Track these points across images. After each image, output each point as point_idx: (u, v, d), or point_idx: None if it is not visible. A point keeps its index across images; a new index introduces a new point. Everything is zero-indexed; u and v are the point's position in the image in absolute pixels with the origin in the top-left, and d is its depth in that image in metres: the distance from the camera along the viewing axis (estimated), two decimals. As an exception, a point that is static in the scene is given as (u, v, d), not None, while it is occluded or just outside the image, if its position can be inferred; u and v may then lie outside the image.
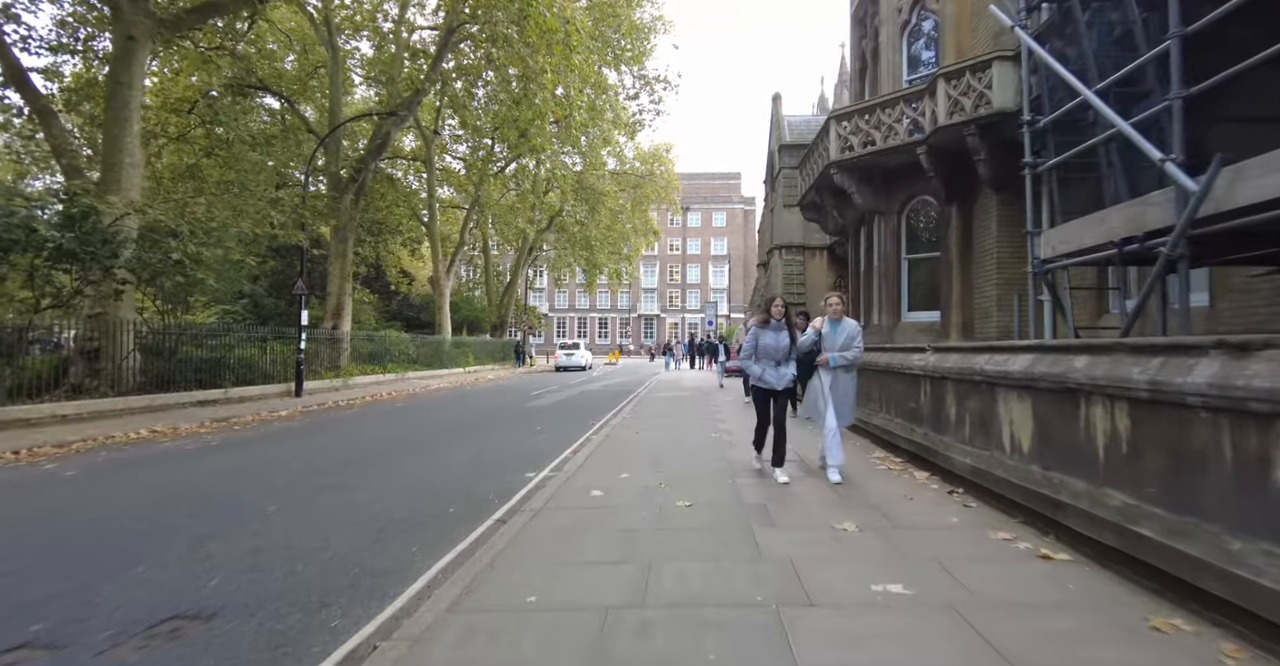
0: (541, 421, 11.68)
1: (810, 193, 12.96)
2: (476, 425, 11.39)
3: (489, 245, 44.49)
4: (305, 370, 19.98)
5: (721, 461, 6.86)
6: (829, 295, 6.19)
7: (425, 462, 7.56)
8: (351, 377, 21.77)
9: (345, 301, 23.75)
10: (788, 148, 19.95)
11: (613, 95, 30.97)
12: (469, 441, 9.33)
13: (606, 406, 14.21)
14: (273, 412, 14.21)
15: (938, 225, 10.70)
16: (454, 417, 12.78)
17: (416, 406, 15.71)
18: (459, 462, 7.57)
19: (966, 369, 5.09)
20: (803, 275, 19.65)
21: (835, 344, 5.84)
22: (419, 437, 9.79)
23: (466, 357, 32.64)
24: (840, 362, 5.85)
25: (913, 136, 10.07)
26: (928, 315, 10.81)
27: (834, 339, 5.86)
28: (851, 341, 5.83)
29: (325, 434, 10.58)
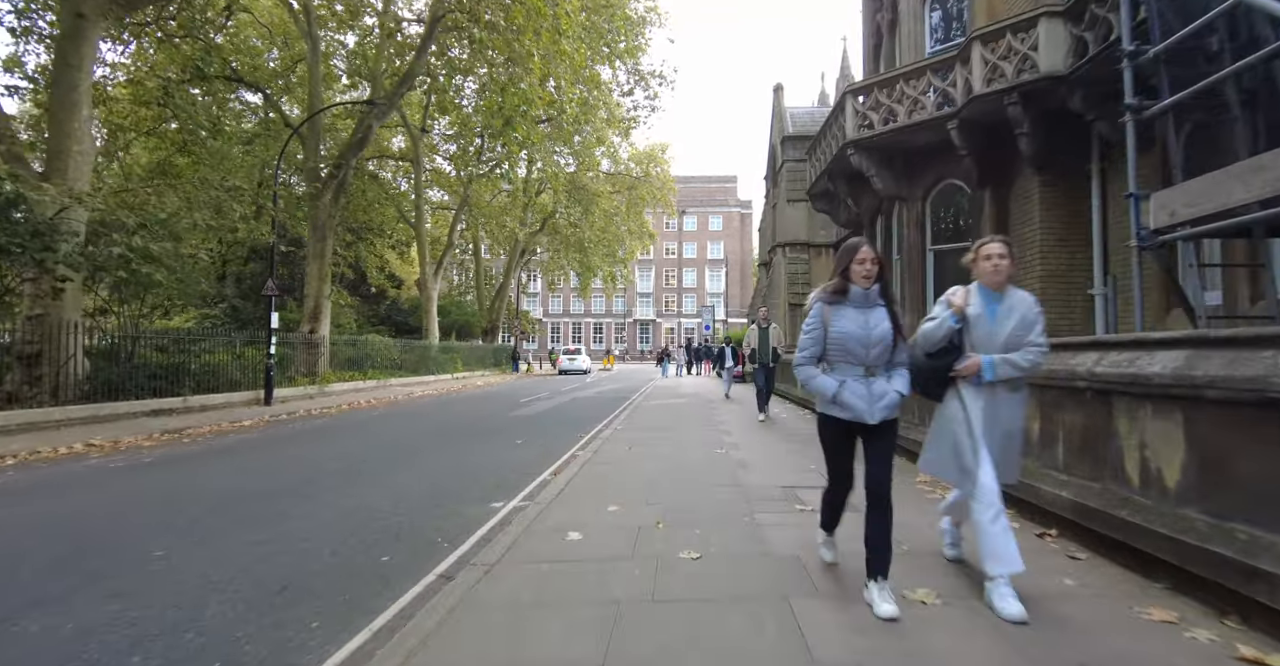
0: (524, 433, 10.42)
1: (822, 179, 11.75)
2: (450, 437, 10.15)
3: (480, 248, 43.26)
4: (277, 376, 18.84)
5: (733, 487, 5.59)
6: (987, 242, 3.42)
7: (378, 487, 6.30)
8: (328, 384, 20.50)
9: (324, 304, 22.46)
10: (791, 139, 18.80)
11: (606, 91, 29.86)
12: (436, 457, 8.07)
13: (598, 416, 12.95)
14: (234, 423, 12.99)
15: (969, 212, 9.49)
16: (428, 429, 11.52)
17: (393, 415, 14.45)
18: (418, 487, 6.31)
19: (1061, 372, 3.87)
20: (808, 274, 18.43)
21: (998, 336, 3.18)
22: (381, 453, 8.53)
23: (454, 363, 31.36)
24: (1007, 374, 3.15)
25: (941, 110, 8.88)
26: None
27: (993, 326, 3.21)
28: (1030, 330, 3.17)
29: (279, 448, 9.33)
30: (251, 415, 14.11)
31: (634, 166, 40.40)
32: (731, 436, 8.80)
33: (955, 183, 9.74)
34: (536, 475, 6.78)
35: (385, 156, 34.42)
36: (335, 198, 23.38)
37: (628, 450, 7.70)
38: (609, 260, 41.06)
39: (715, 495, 5.27)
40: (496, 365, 38.00)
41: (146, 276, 11.33)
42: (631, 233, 41.18)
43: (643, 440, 8.54)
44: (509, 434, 10.38)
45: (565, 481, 5.95)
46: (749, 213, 74.73)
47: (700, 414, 12.09)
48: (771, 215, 21.08)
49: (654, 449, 7.80)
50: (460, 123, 30.20)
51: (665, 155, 41.27)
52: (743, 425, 10.19)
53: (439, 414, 14.63)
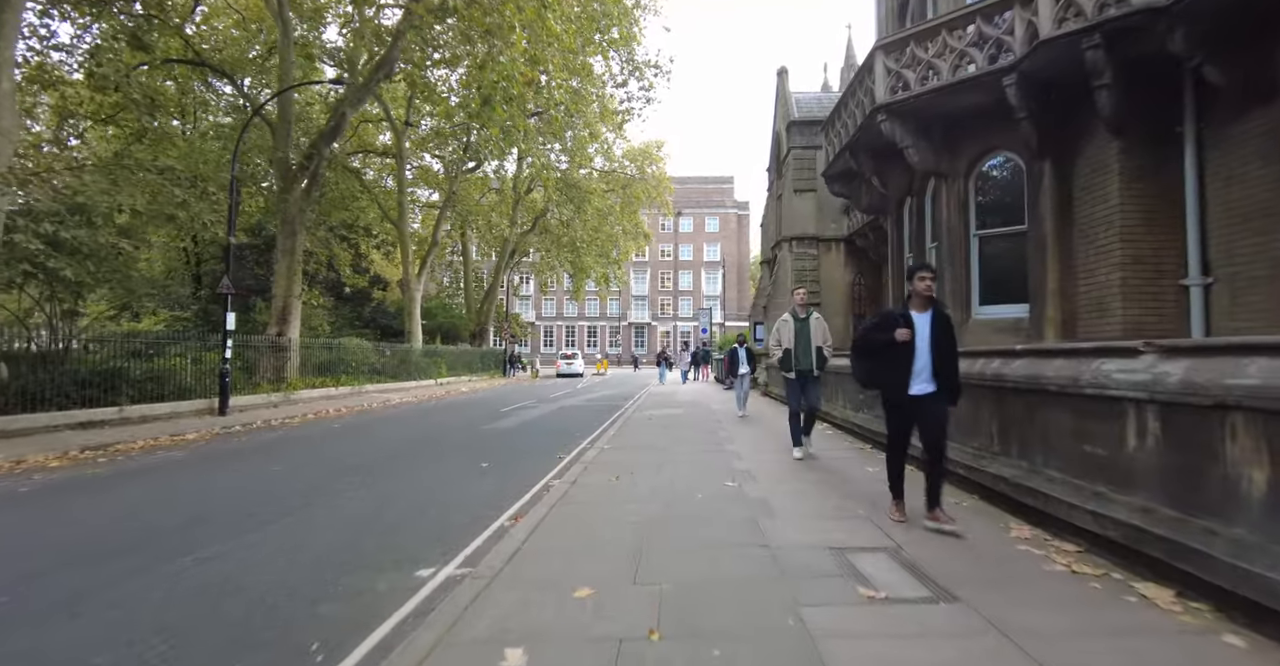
0: (494, 452, 8.81)
1: (842, 157, 10.18)
2: (407, 456, 8.54)
3: (469, 248, 41.66)
4: (240, 383, 17.40)
5: (758, 548, 3.95)
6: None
7: (279, 535, 4.69)
8: (295, 391, 18.86)
9: (293, 304, 20.83)
10: (798, 124, 17.26)
11: (599, 83, 28.39)
12: (378, 487, 6.46)
13: (584, 429, 11.35)
14: (176, 436, 11.47)
15: (1025, 189, 7.92)
16: (387, 444, 9.92)
17: (357, 427, 12.88)
18: (333, 535, 4.70)
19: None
20: (816, 271, 16.87)
21: None
22: (316, 480, 6.92)
23: (438, 368, 29.70)
24: None
25: (995, 64, 7.34)
26: (1009, 310, 8.03)
27: None
28: None
29: (198, 471, 7.78)
30: (199, 426, 12.59)
31: (628, 164, 38.94)
32: (742, 461, 7.18)
33: (1006, 155, 8.19)
34: (492, 519, 5.16)
35: (369, 151, 32.86)
36: (307, 191, 21.82)
37: (613, 481, 6.07)
38: (602, 261, 39.52)
39: (733, 564, 3.64)
40: (485, 370, 36.36)
41: (55, 271, 9.66)
42: (626, 233, 39.70)
43: (632, 466, 6.92)
44: (477, 453, 8.77)
45: (526, 532, 4.35)
46: (746, 214, 73.32)
47: (702, 429, 10.48)
48: (776, 207, 19.53)
49: (646, 479, 6.19)
50: (444, 114, 28.77)
51: (661, 152, 39.81)
52: (756, 445, 8.58)
53: (408, 425, 13.04)
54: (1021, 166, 7.97)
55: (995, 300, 8.23)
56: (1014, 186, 8.14)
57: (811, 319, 7.35)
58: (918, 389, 4.29)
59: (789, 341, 7.26)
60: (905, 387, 4.30)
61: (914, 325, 4.31)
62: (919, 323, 4.34)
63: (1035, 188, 7.76)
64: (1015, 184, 8.12)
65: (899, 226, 10.41)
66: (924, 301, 4.39)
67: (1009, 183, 8.24)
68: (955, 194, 8.50)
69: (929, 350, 4.29)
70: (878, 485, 5.70)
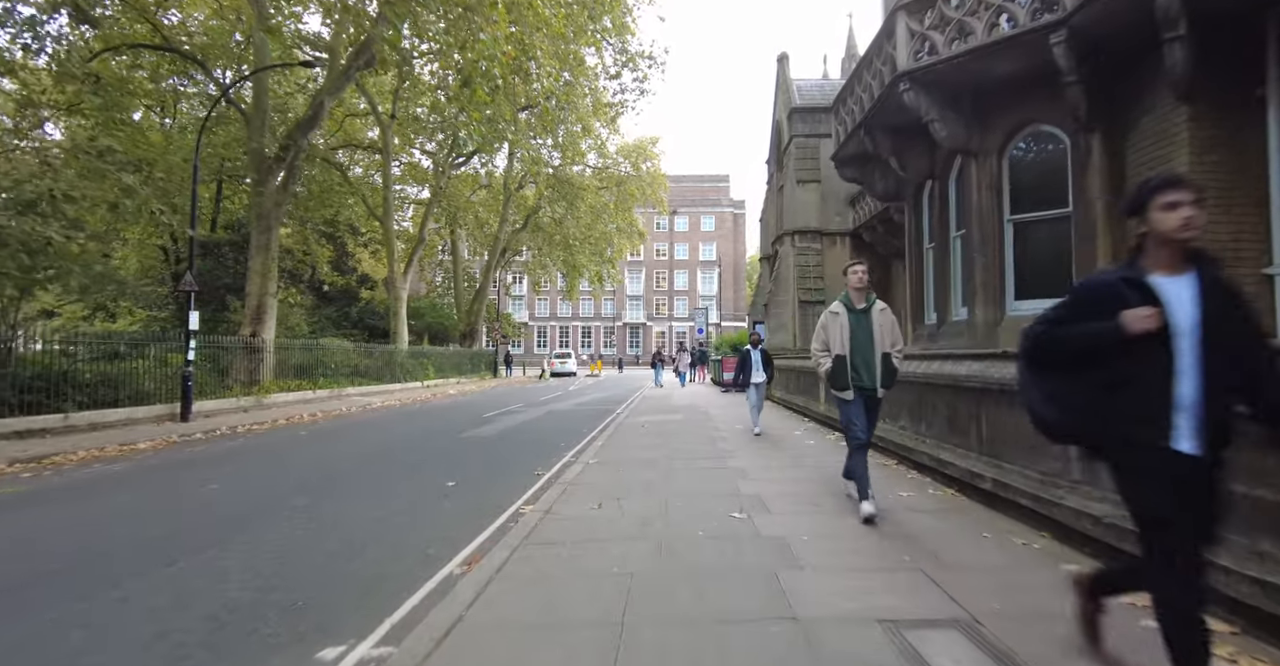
0: (465, 466, 7.77)
1: (855, 137, 9.18)
2: (371, 472, 7.53)
3: (459, 246, 40.57)
4: (210, 386, 16.17)
5: (784, 623, 2.89)
6: None
7: (155, 594, 3.65)
8: (268, 395, 17.81)
9: (268, 303, 19.75)
10: (800, 112, 16.27)
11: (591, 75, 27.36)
12: (324, 512, 5.44)
13: (570, 437, 10.33)
14: (126, 446, 10.50)
15: (1070, 166, 6.92)
16: (352, 456, 8.91)
17: (327, 434, 11.90)
18: (231, 593, 3.65)
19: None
20: (820, 267, 15.87)
21: None
22: (251, 503, 5.90)
23: (425, 370, 28.61)
24: None
25: (1039, 19, 6.34)
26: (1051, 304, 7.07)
27: None
28: None
29: (132, 490, 6.84)
30: (156, 434, 11.63)
31: (622, 161, 37.91)
32: (749, 481, 6.12)
33: (1046, 129, 7.19)
34: (442, 562, 4.12)
35: (354, 146, 31.76)
36: (284, 184, 20.75)
37: (594, 510, 5.03)
38: (596, 259, 38.48)
39: (750, 654, 2.62)
40: (475, 371, 35.27)
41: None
42: (620, 231, 38.67)
43: (620, 488, 5.88)
44: (447, 467, 7.72)
45: (476, 589, 3.32)
46: (742, 213, 72.41)
47: (700, 438, 9.45)
48: (777, 200, 18.53)
49: (635, 507, 5.15)
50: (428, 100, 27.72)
51: (655, 148, 38.76)
52: (763, 460, 7.55)
53: (381, 432, 12.03)
54: (1065, 141, 6.97)
55: (1034, 294, 7.23)
56: (1056, 164, 7.14)
57: (875, 310, 4.93)
58: (1187, 440, 2.03)
59: (842, 344, 4.84)
60: (1162, 433, 2.05)
61: (1164, 300, 2.07)
62: (1174, 293, 2.08)
63: (1082, 165, 6.77)
64: (1057, 161, 7.12)
65: (917, 214, 9.40)
66: (1180, 253, 2.11)
67: (1050, 160, 7.24)
68: (987, 174, 7.49)
69: (1200, 350, 2.04)
70: (921, 517, 4.69)
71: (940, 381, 5.74)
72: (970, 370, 5.20)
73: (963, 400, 5.35)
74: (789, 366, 13.14)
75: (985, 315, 7.41)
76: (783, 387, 13.92)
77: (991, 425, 4.93)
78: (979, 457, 5.04)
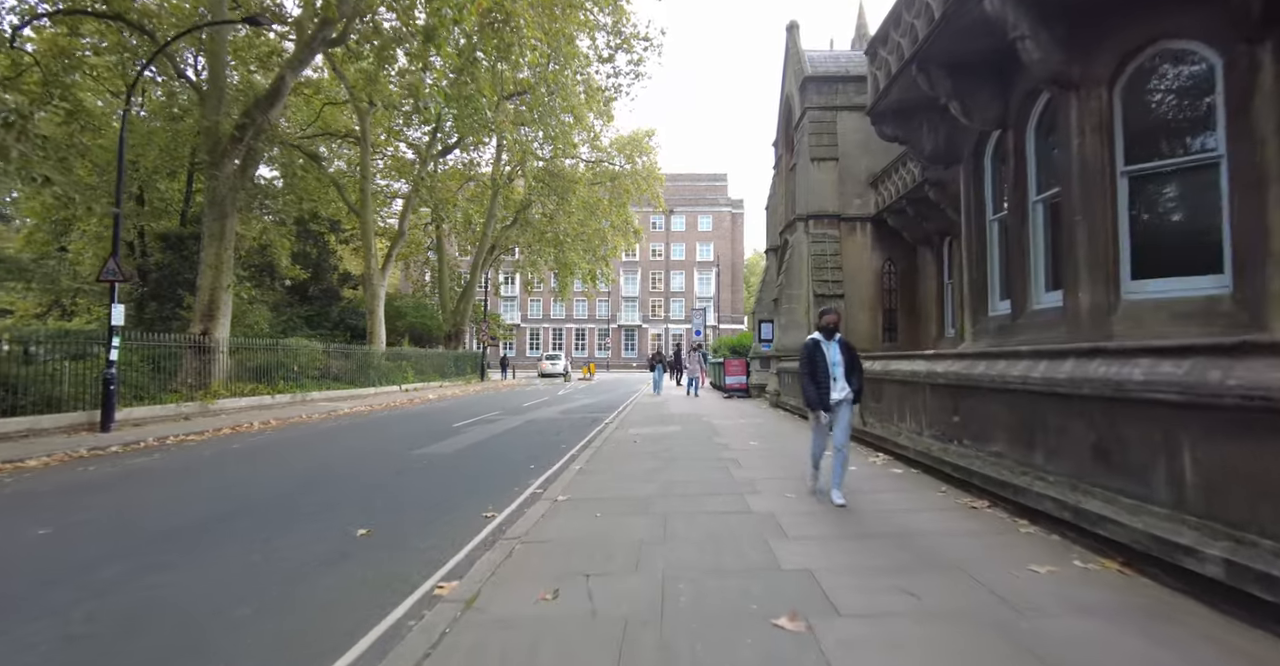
0: (400, 501, 5.84)
1: (904, 77, 7.22)
2: (277, 507, 5.69)
3: (444, 243, 38.59)
4: (151, 390, 14.47)
5: None
6: None
7: None
8: (215, 401, 15.85)
9: (222, 299, 17.81)
10: (815, 81, 14.36)
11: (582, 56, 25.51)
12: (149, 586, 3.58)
13: (544, 456, 8.41)
14: (10, 463, 8.80)
15: (1221, 96, 5.01)
16: (271, 480, 7.09)
17: (264, 448, 10.11)
18: None
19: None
20: (838, 256, 13.94)
21: None
22: (52, 568, 3.97)
23: (404, 373, 26.64)
24: None
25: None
26: (1191, 285, 5.10)
27: None
28: None
29: None
30: (61, 447, 9.98)
31: (617, 155, 36.02)
32: (790, 541, 4.20)
33: (1182, 46, 5.28)
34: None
35: (331, 134, 29.78)
36: (243, 168, 18.87)
37: (547, 602, 3.11)
38: (588, 257, 36.54)
39: None
40: (460, 374, 33.28)
41: None
42: (615, 227, 36.75)
43: (592, 554, 3.94)
44: (374, 502, 5.80)
45: None
46: (741, 213, 70.67)
47: (706, 461, 7.52)
48: (787, 183, 16.62)
49: (612, 596, 3.24)
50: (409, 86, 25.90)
51: (652, 142, 36.84)
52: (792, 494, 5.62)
53: (328, 446, 10.19)
54: (1214, 61, 5.07)
55: (1162, 271, 5.32)
56: (1197, 94, 5.25)
57: None
58: None
59: None
60: None
61: None
62: None
63: (1241, 92, 4.86)
64: (1199, 90, 5.22)
65: (977, 178, 7.49)
66: None
67: (1188, 89, 5.34)
68: (1092, 112, 5.59)
69: None
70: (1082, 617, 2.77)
71: (1017, 385, 3.86)
72: (1087, 372, 3.32)
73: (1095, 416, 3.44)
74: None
75: (1091, 299, 5.49)
76: (798, 395, 12.01)
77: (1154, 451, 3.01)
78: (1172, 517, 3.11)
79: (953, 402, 5.43)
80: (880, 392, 7.08)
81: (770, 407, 14.07)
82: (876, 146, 13.99)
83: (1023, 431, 4.48)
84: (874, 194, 13.88)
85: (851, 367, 5.25)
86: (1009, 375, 4.46)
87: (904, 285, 13.92)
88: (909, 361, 6.22)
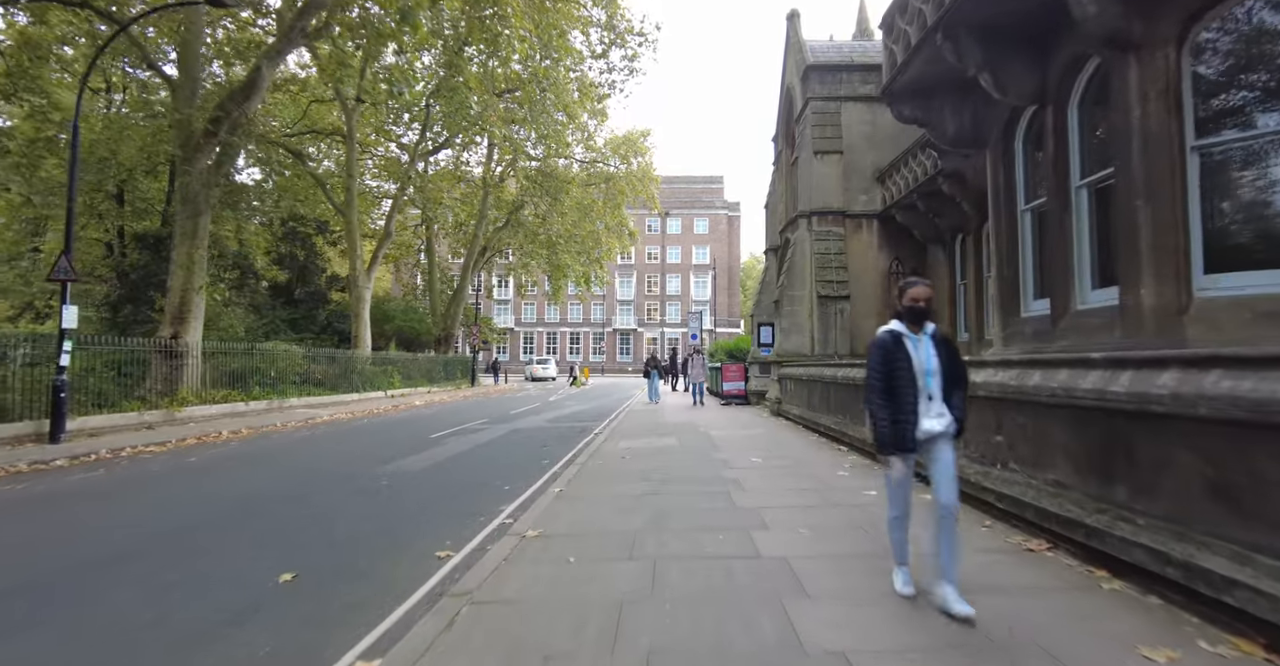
0: (350, 532, 4.99)
1: (926, 47, 6.37)
2: (206, 537, 4.88)
3: (434, 245, 37.70)
4: (109, 397, 13.54)
5: None
6: None
7: None
8: (182, 408, 14.93)
9: (194, 301, 16.92)
10: (818, 70, 13.57)
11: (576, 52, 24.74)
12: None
13: (523, 473, 7.54)
14: None
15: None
16: (216, 502, 6.31)
17: (225, 461, 9.30)
18: None
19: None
20: (843, 255, 13.11)
21: None
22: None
23: (390, 378, 25.71)
24: None
25: None
26: (1277, 278, 4.30)
27: None
28: None
29: None
30: None
31: (611, 155, 35.23)
32: (820, 605, 3.35)
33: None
34: None
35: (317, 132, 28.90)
36: (218, 164, 18.00)
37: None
38: (581, 259, 35.67)
39: None
40: (449, 379, 32.35)
41: None
42: (609, 229, 35.91)
43: (559, 626, 3.08)
44: (317, 534, 4.95)
45: None
46: (737, 215, 69.98)
47: (706, 482, 6.66)
48: (788, 179, 15.80)
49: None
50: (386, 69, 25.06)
51: (647, 142, 36.03)
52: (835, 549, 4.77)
53: (291, 459, 9.43)
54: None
55: (1242, 263, 4.49)
56: (1274, 56, 4.43)
57: None
58: None
59: None
60: None
61: None
62: None
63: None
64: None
65: (1007, 162, 6.67)
66: None
67: (1270, 49, 4.52)
68: (1155, 77, 4.77)
69: None
70: None
71: (1089, 400, 3.02)
72: (1201, 387, 2.49)
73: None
74: (816, 376, 10.38)
75: (1156, 297, 4.66)
76: (804, 403, 11.17)
77: None
78: None
79: (995, 418, 4.59)
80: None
81: (771, 416, 13.22)
82: (883, 139, 13.22)
83: (1095, 458, 3.64)
84: (881, 189, 13.07)
85: (954, 378, 3.28)
86: (1078, 388, 3.62)
87: (912, 287, 13.09)
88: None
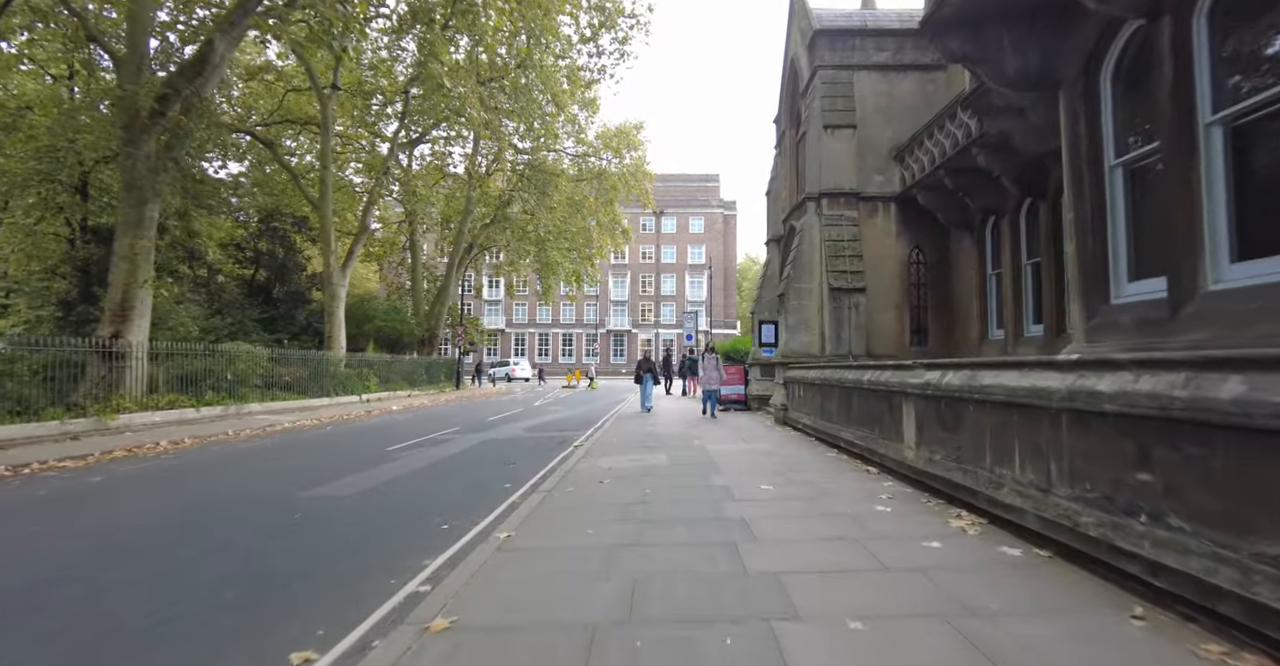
0: (187, 611, 3.45)
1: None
2: (30, 605, 3.16)
3: (418, 242, 36.12)
4: (32, 404, 12.26)
5: None
6: None
7: None
8: (117, 416, 13.34)
9: (138, 297, 15.35)
10: (827, 35, 12.07)
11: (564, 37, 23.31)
12: None
13: (471, 506, 6.01)
14: None
15: None
16: (70, 549, 4.63)
17: (124, 485, 7.81)
18: None
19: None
20: (857, 242, 11.60)
21: None
22: None
23: (366, 381, 24.11)
24: None
25: None
26: None
27: None
28: None
29: None
30: None
31: (603, 149, 33.78)
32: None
33: None
34: None
35: (290, 121, 27.34)
36: (167, 147, 16.40)
37: None
38: (572, 256, 34.16)
39: None
40: (432, 382, 30.74)
41: None
42: (601, 226, 34.41)
43: None
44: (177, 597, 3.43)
45: None
46: (733, 214, 68.61)
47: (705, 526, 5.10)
48: (793, 161, 14.28)
49: None
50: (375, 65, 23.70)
51: (640, 135, 34.51)
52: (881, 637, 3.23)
53: (217, 477, 7.89)
54: None
55: None
56: None
57: None
58: None
59: None
60: None
61: None
62: None
63: None
64: None
65: (1091, 106, 5.17)
66: None
67: None
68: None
69: None
70: None
71: None
72: None
73: None
74: (833, 380, 8.84)
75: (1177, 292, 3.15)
76: (816, 412, 9.63)
77: None
78: None
79: (1135, 447, 3.09)
80: (957, 417, 4.75)
81: (777, 425, 11.66)
82: (901, 112, 11.75)
83: None
84: (899, 168, 11.58)
85: None
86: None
87: (935, 278, 11.61)
88: (1020, 373, 3.88)
